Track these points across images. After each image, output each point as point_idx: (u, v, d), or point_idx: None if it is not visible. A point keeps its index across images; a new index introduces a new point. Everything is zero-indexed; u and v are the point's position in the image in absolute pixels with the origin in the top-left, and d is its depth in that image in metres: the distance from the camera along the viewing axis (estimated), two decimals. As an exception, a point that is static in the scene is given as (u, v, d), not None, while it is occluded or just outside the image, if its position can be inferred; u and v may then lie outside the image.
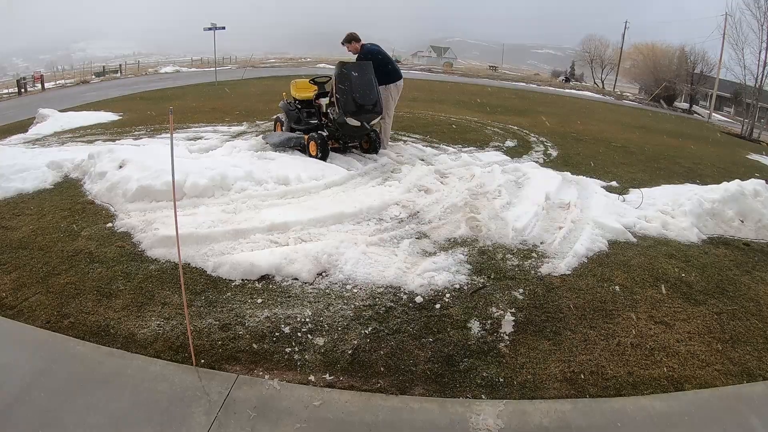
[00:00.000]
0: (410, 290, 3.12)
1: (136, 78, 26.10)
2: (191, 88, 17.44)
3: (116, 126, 8.79)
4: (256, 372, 2.43)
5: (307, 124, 6.15)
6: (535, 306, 3.06)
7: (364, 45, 6.18)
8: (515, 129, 9.64)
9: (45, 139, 7.61)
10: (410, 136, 7.80)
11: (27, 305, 2.86)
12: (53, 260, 3.36)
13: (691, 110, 33.18)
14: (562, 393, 2.41)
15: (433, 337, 2.73)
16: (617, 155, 8.07)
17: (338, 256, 3.40)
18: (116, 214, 4.13)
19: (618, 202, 5.06)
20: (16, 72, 44.70)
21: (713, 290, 3.48)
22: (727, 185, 4.73)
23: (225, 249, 3.48)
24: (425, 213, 4.36)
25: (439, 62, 63.46)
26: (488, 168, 5.85)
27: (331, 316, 2.85)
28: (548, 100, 20.51)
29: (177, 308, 2.84)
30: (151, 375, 2.38)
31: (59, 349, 2.54)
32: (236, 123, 8.66)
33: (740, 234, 4.53)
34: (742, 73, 20.65)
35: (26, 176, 4.90)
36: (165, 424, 2.12)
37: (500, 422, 2.22)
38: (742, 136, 18.63)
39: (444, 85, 23.52)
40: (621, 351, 2.72)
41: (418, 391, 2.38)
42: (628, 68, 44.08)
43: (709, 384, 2.55)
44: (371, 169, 5.51)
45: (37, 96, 19.76)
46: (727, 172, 7.87)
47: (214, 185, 4.39)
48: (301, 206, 4.24)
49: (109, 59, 61.87)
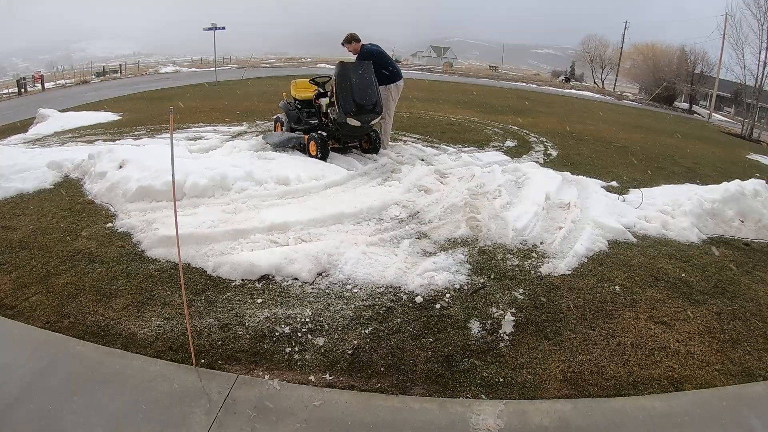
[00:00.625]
0: (410, 290, 3.12)
1: (136, 78, 26.13)
2: (191, 88, 17.44)
3: (116, 126, 8.79)
4: (256, 372, 2.43)
5: (307, 124, 6.15)
6: (535, 306, 3.06)
7: (364, 45, 6.18)
8: (515, 129, 9.64)
9: (45, 139, 7.61)
10: (410, 136, 7.80)
11: (27, 305, 2.86)
12: (53, 260, 3.35)
13: (691, 110, 33.18)
14: (562, 393, 2.41)
15: (433, 337, 2.73)
16: (617, 155, 8.07)
17: (338, 256, 3.40)
18: (116, 214, 4.14)
19: (618, 202, 5.06)
20: (16, 72, 44.71)
21: (713, 290, 3.48)
22: (727, 185, 4.73)
23: (225, 249, 3.48)
24: (425, 213, 4.36)
25: (439, 62, 63.49)
26: (488, 168, 5.85)
27: (331, 316, 2.85)
28: (548, 100, 20.51)
29: (177, 308, 2.84)
30: (151, 375, 2.38)
31: (59, 349, 2.54)
32: (236, 123, 8.66)
33: (740, 234, 4.53)
34: (742, 73, 20.69)
35: (26, 176, 4.90)
36: (165, 424, 2.12)
37: (500, 422, 2.22)
38: (742, 136, 18.63)
39: (444, 85, 23.52)
40: (621, 351, 2.72)
41: (418, 391, 2.38)
42: (628, 68, 44.10)
43: (709, 384, 2.55)
44: (371, 169, 5.51)
45: (37, 96, 19.78)
46: (727, 172, 7.88)
47: (214, 185, 4.39)
48: (301, 206, 4.24)
49: (109, 59, 61.93)
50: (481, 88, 23.51)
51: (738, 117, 26.18)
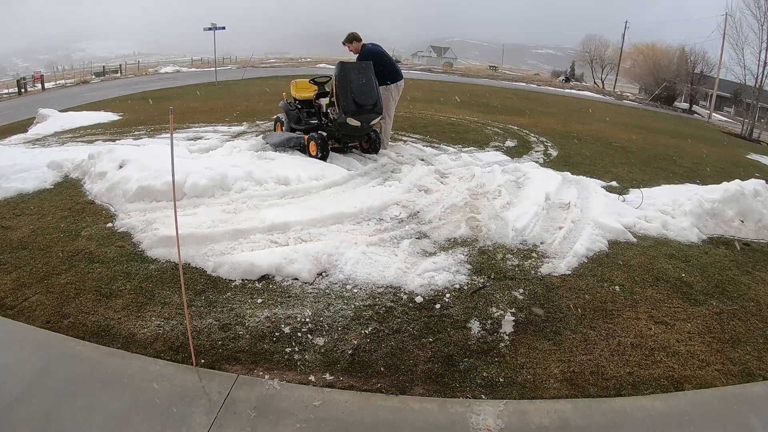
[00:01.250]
0: (410, 290, 3.12)
1: (136, 78, 26.13)
2: (191, 88, 17.44)
3: (116, 126, 8.79)
4: (256, 372, 2.43)
5: (307, 124, 6.15)
6: (536, 306, 3.06)
7: (365, 45, 6.18)
8: (515, 129, 9.64)
9: (45, 139, 7.61)
10: (410, 136, 7.80)
11: (27, 305, 2.86)
12: (53, 260, 3.35)
13: (691, 110, 33.18)
14: (562, 393, 2.41)
15: (433, 337, 2.73)
16: (617, 155, 8.07)
17: (338, 256, 3.40)
18: (116, 214, 4.13)
19: (618, 202, 5.06)
20: (16, 72, 44.76)
21: (713, 290, 3.48)
22: (727, 185, 4.73)
23: (225, 249, 3.48)
24: (425, 213, 4.36)
25: (439, 62, 63.50)
26: (488, 168, 5.85)
27: (331, 316, 2.85)
28: (548, 100, 20.51)
29: (177, 308, 2.84)
30: (151, 375, 2.38)
31: (59, 349, 2.54)
32: (236, 123, 8.66)
33: (740, 234, 4.53)
34: (742, 73, 20.71)
35: (26, 176, 4.90)
36: (165, 424, 2.12)
37: (500, 422, 2.22)
38: (742, 136, 18.64)
39: (444, 85, 23.52)
40: (621, 351, 2.72)
41: (418, 391, 2.38)
42: (628, 68, 44.10)
43: (709, 384, 2.55)
44: (371, 169, 5.51)
45: (37, 96, 19.78)
46: (727, 172, 7.88)
47: (214, 185, 4.39)
48: (301, 206, 4.24)
49: (109, 59, 61.95)
50: (481, 88, 23.52)
51: (738, 117, 26.19)
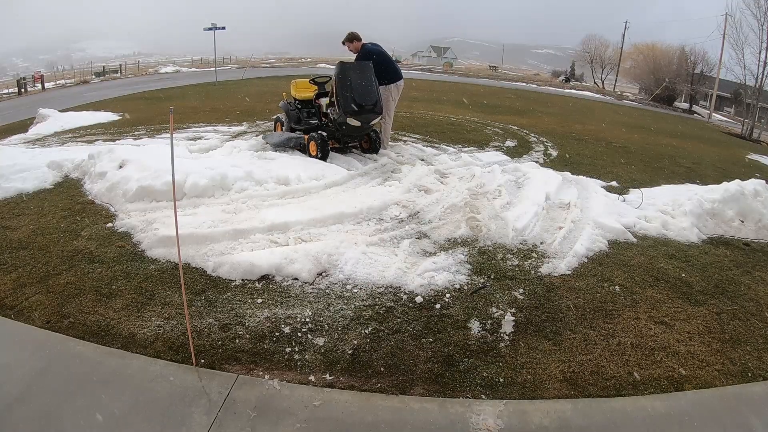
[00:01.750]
0: (410, 290, 3.12)
1: (136, 78, 26.11)
2: (191, 88, 17.44)
3: (116, 126, 8.79)
4: (256, 372, 2.43)
5: (307, 124, 6.15)
6: (536, 306, 3.06)
7: (365, 44, 6.18)
8: (515, 129, 9.64)
9: (45, 139, 7.61)
10: (410, 136, 7.80)
11: (27, 305, 2.86)
12: (53, 260, 3.35)
13: (691, 110, 33.17)
14: (562, 393, 2.41)
15: (433, 337, 2.73)
16: (617, 155, 8.07)
17: (338, 256, 3.40)
18: (116, 214, 4.13)
19: (618, 202, 5.06)
20: (16, 72, 44.76)
21: (713, 290, 3.48)
22: (727, 185, 4.73)
23: (225, 249, 3.48)
24: (425, 213, 4.36)
25: (439, 62, 63.50)
26: (488, 168, 5.85)
27: (331, 316, 2.85)
28: (548, 100, 20.51)
29: (177, 308, 2.84)
30: (151, 375, 2.38)
31: (59, 349, 2.54)
32: (236, 123, 8.66)
33: (740, 234, 4.53)
34: (742, 73, 20.69)
35: (26, 176, 4.90)
36: (165, 424, 2.12)
37: (500, 422, 2.22)
38: (742, 136, 18.64)
39: (444, 85, 23.52)
40: (621, 351, 2.72)
41: (418, 391, 2.38)
42: (628, 68, 44.07)
43: (709, 384, 2.55)
44: (371, 169, 5.51)
45: (37, 96, 19.78)
46: (727, 172, 7.88)
47: (214, 185, 4.39)
48: (301, 206, 4.24)
49: (109, 59, 61.96)
50: (481, 88, 23.51)
51: (738, 117, 26.18)
